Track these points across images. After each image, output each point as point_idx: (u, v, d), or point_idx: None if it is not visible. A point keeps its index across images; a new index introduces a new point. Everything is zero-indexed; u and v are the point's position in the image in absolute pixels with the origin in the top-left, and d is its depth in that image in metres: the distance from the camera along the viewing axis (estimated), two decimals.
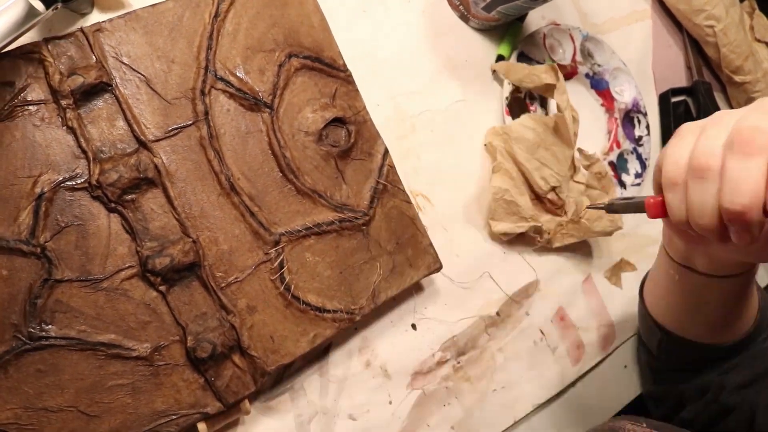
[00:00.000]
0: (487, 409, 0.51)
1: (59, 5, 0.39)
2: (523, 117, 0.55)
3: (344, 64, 0.48)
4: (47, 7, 0.39)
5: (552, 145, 0.54)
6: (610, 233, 0.57)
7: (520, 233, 0.54)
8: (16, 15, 0.37)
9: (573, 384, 0.57)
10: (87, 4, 0.43)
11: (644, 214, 0.34)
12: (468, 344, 0.52)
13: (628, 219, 0.62)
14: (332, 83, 0.47)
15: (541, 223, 0.54)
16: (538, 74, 0.54)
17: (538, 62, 0.60)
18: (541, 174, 0.53)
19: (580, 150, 0.56)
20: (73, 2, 0.41)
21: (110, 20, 0.41)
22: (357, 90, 0.48)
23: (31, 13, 0.38)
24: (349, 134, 0.46)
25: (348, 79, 0.47)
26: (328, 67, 0.47)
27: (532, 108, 0.58)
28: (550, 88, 0.54)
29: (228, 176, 0.42)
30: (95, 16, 0.44)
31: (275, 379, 0.45)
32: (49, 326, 0.37)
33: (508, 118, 0.56)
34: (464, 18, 0.59)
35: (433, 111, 0.55)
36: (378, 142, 0.47)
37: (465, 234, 0.54)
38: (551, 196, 0.54)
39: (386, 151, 0.48)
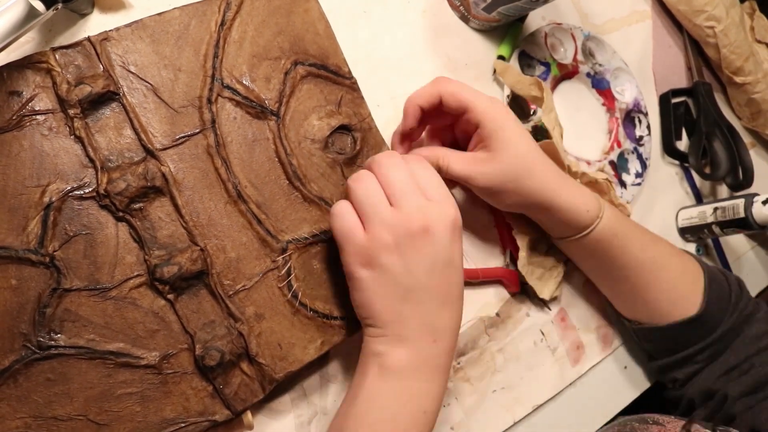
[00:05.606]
0: (487, 409, 0.52)
1: (59, 5, 0.39)
2: None
3: (349, 72, 0.48)
4: (47, 7, 0.39)
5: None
6: None
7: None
8: (17, 15, 0.37)
9: (573, 384, 0.57)
10: (87, 4, 0.43)
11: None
12: (468, 345, 0.52)
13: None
14: (338, 90, 0.47)
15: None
16: (526, 84, 0.54)
17: (540, 61, 0.60)
18: None
19: (568, 167, 0.54)
20: (73, 2, 0.41)
21: (117, 29, 0.41)
22: (362, 97, 0.48)
23: (31, 13, 0.38)
24: (355, 141, 0.46)
25: (353, 86, 0.48)
26: (333, 74, 0.47)
27: (532, 108, 0.58)
28: (538, 100, 0.54)
29: (235, 184, 0.42)
30: (96, 16, 0.44)
31: None
32: (58, 335, 0.37)
33: None
34: (464, 19, 0.59)
35: None
36: (383, 149, 0.48)
37: (465, 235, 0.54)
38: None
39: None
